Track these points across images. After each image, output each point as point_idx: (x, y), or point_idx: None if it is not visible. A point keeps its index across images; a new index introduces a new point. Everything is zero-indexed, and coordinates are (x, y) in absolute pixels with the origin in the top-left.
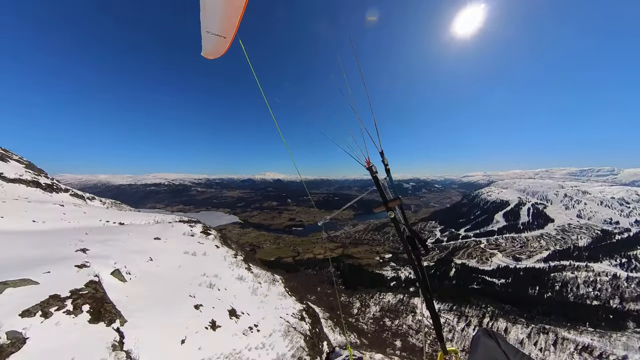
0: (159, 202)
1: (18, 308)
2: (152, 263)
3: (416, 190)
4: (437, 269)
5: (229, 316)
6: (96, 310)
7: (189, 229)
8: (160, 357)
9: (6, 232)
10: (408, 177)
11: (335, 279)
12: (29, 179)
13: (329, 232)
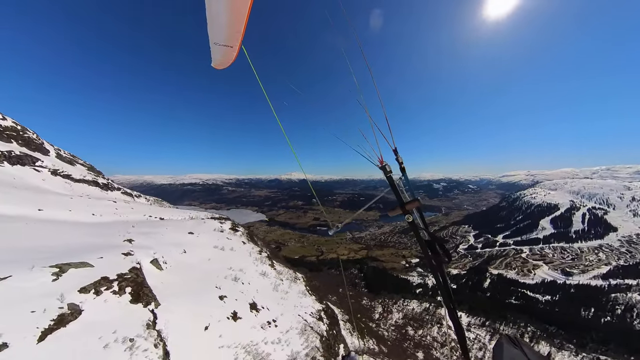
0: (194, 199)
1: (77, 285)
2: (185, 255)
3: (447, 191)
4: (470, 278)
5: (249, 309)
6: (136, 292)
7: (219, 225)
8: (185, 339)
9: (73, 222)
10: (439, 177)
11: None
12: (90, 179)
13: (353, 233)
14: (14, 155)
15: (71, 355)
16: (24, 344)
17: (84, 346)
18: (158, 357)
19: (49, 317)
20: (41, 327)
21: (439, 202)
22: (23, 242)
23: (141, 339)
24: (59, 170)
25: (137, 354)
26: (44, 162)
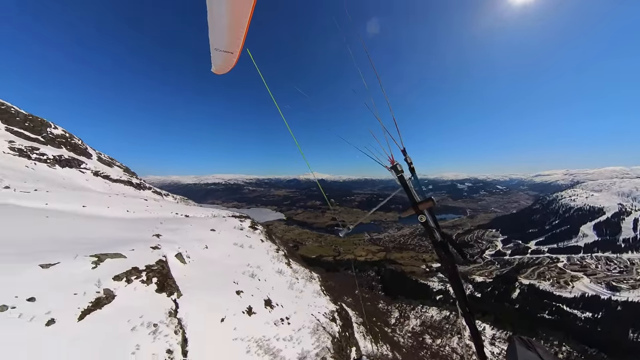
0: (217, 198)
1: (112, 273)
2: (207, 250)
3: (473, 191)
4: (496, 287)
5: (264, 305)
6: (161, 283)
7: (239, 223)
8: (202, 328)
9: (111, 218)
10: (463, 177)
11: (374, 284)
12: (126, 180)
13: (371, 234)
14: (64, 159)
15: (104, 334)
16: (67, 321)
17: (115, 327)
18: (177, 342)
19: (88, 300)
20: (81, 308)
21: (463, 204)
22: (70, 233)
23: (163, 325)
24: (100, 172)
25: (159, 338)
26: (88, 165)
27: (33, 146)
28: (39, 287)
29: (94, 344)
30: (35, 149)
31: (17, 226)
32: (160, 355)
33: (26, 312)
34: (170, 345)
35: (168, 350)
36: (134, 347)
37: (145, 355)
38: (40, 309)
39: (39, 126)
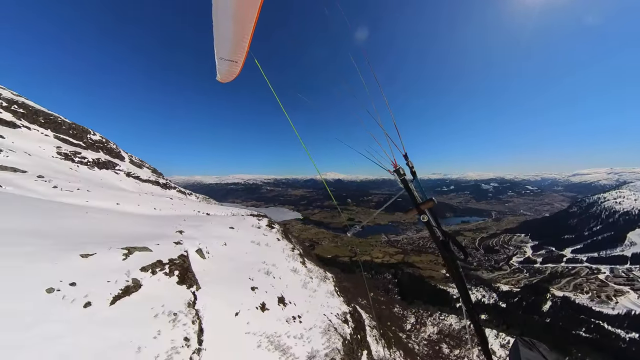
0: (237, 198)
1: (139, 265)
2: (225, 247)
3: (499, 192)
4: (524, 297)
5: (277, 302)
6: (182, 275)
7: (257, 222)
8: (217, 320)
9: (140, 215)
10: (488, 177)
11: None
12: (153, 180)
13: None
14: (101, 161)
15: (131, 318)
16: (101, 304)
17: (140, 313)
18: (194, 332)
19: (118, 287)
20: (113, 294)
21: (488, 206)
22: (105, 228)
23: (182, 314)
24: (131, 173)
25: (178, 326)
26: (121, 167)
27: (76, 151)
28: (79, 274)
29: (122, 326)
30: (78, 153)
31: (62, 220)
32: (178, 342)
33: (68, 294)
34: (187, 334)
35: (185, 338)
36: (155, 332)
37: (165, 341)
38: (80, 293)
39: (81, 133)
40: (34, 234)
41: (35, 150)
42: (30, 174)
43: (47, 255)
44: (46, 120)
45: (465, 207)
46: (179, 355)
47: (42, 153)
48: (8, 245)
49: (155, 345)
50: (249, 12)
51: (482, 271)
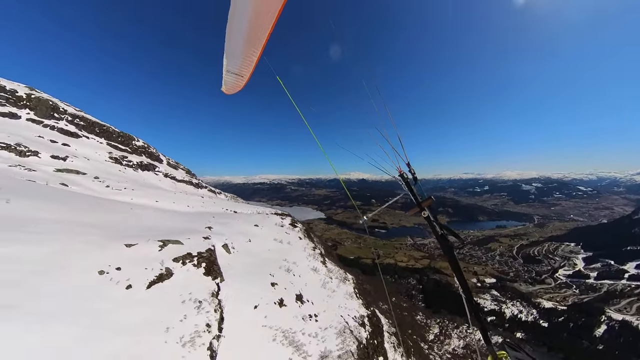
0: (262, 197)
1: (172, 256)
2: (249, 243)
3: (543, 194)
4: (571, 317)
5: (295, 299)
6: (208, 267)
7: (280, 220)
8: (237, 311)
9: (175, 211)
10: (530, 176)
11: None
12: (187, 180)
13: (414, 239)
14: (144, 164)
15: (163, 301)
16: (139, 288)
17: (170, 298)
18: (215, 319)
19: (154, 274)
20: (149, 279)
21: (529, 209)
22: (145, 222)
23: (206, 302)
24: (168, 174)
25: (201, 313)
26: (160, 168)
27: (123, 155)
28: (123, 260)
29: (155, 307)
30: (125, 157)
31: (113, 215)
32: (200, 327)
33: (115, 277)
34: (209, 320)
35: (207, 324)
36: (182, 316)
37: (190, 324)
38: (123, 276)
39: (127, 140)
40: (92, 225)
41: (93, 156)
42: (89, 176)
43: (100, 243)
44: (100, 130)
45: (501, 210)
46: (201, 339)
47: (97, 158)
48: (73, 233)
49: (181, 328)
50: (261, 33)
51: (520, 283)
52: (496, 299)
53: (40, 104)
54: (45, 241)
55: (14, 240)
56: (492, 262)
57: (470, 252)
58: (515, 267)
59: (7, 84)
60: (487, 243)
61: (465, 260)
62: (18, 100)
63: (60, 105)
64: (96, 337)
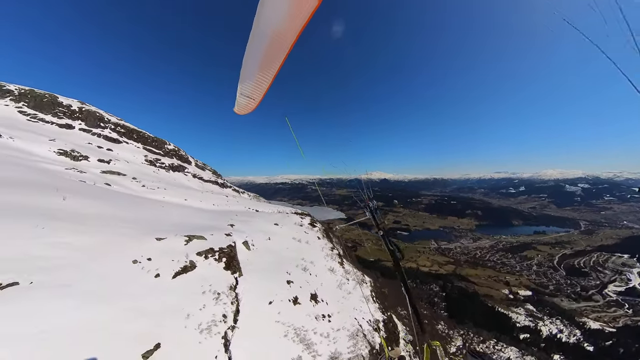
0: (284, 196)
1: (195, 250)
2: (269, 241)
3: (591, 196)
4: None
5: (309, 298)
6: (228, 262)
7: (300, 220)
8: (252, 305)
9: (201, 209)
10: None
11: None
12: (213, 180)
13: (439, 243)
14: (175, 165)
15: (185, 291)
16: (166, 277)
17: (192, 288)
18: (231, 311)
19: (179, 266)
20: (175, 270)
21: (573, 213)
22: (174, 218)
23: (224, 295)
24: (196, 174)
25: (219, 304)
26: (189, 169)
27: (157, 158)
28: (154, 252)
29: (178, 296)
30: (158, 159)
31: (146, 211)
32: (217, 317)
33: (146, 266)
34: (225, 312)
35: (223, 315)
36: (201, 305)
37: (208, 314)
38: (153, 266)
39: (160, 144)
40: (128, 220)
41: (131, 159)
42: (128, 177)
43: (135, 236)
44: (138, 136)
45: (540, 213)
46: (217, 328)
47: (135, 160)
48: (113, 227)
49: (200, 315)
50: (274, 62)
51: (561, 298)
52: (531, 315)
53: (89, 115)
54: (91, 233)
55: (69, 230)
56: (528, 272)
57: (502, 259)
58: (556, 280)
59: (64, 99)
60: (522, 250)
61: (495, 267)
62: (72, 113)
63: (105, 116)
64: (127, 317)
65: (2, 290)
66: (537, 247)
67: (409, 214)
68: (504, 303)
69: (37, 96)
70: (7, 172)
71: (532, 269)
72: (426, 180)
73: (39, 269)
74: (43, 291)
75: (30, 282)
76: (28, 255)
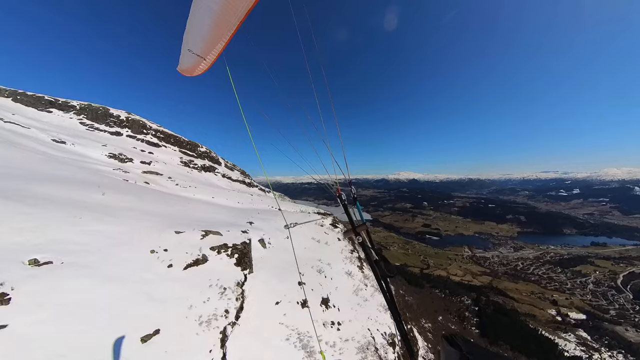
0: (309, 196)
1: (210, 245)
2: (286, 240)
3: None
4: None
5: (320, 303)
6: (240, 259)
7: (321, 220)
8: (258, 303)
9: (226, 206)
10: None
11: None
12: (241, 180)
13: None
14: (206, 166)
15: (193, 282)
16: (178, 268)
17: (200, 280)
18: (234, 307)
19: (191, 258)
20: (187, 262)
21: None
22: (196, 214)
23: (230, 290)
24: (225, 174)
25: (223, 299)
26: (218, 169)
27: (190, 159)
28: (171, 244)
29: (185, 286)
30: (192, 161)
31: (172, 207)
32: (219, 311)
33: (161, 256)
34: (228, 307)
35: (226, 310)
36: (206, 298)
37: (210, 307)
38: (167, 257)
39: (194, 147)
40: (154, 214)
41: (168, 160)
42: (164, 176)
43: (157, 228)
44: (174, 141)
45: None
46: (217, 322)
47: (171, 162)
48: (139, 219)
49: (202, 308)
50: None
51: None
52: (584, 343)
53: (134, 123)
54: (119, 223)
55: (101, 220)
56: (581, 291)
57: (549, 273)
58: (620, 304)
59: (114, 111)
60: (575, 265)
61: (540, 283)
62: (120, 122)
63: (147, 124)
64: (137, 300)
65: (39, 267)
66: (594, 261)
67: (440, 217)
68: (550, 326)
69: (93, 109)
70: (64, 172)
71: (587, 288)
72: (460, 180)
73: (70, 252)
74: (70, 270)
75: (61, 262)
76: (64, 239)
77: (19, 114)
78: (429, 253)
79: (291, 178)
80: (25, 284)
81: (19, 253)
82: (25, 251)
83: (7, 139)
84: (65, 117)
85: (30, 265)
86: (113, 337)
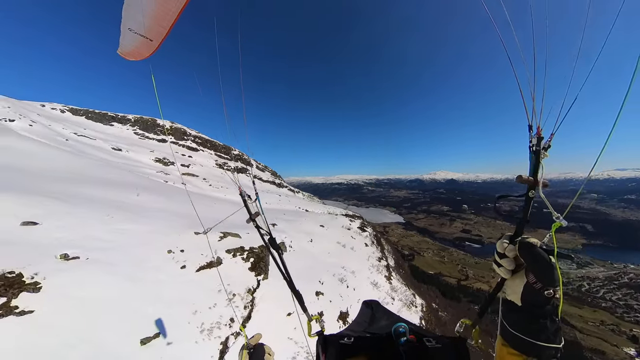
0: (339, 196)
1: (226, 247)
2: (310, 244)
3: None
4: None
5: (338, 317)
6: (255, 263)
7: (349, 222)
8: (268, 314)
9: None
10: None
11: None
12: (271, 180)
13: None
14: (238, 168)
15: (203, 285)
16: (191, 269)
17: (210, 284)
18: (241, 316)
19: (205, 260)
20: (200, 264)
21: None
22: (219, 215)
23: (239, 297)
24: (256, 175)
25: (230, 307)
26: (250, 171)
27: (225, 162)
28: (188, 245)
29: (194, 289)
30: (225, 163)
31: (198, 207)
32: (224, 320)
33: (177, 257)
34: (235, 315)
35: (231, 318)
36: (212, 304)
37: (215, 314)
38: (182, 258)
39: (228, 150)
40: (179, 214)
41: (205, 163)
42: (200, 178)
43: (179, 228)
44: (210, 145)
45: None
46: (219, 331)
47: (207, 164)
48: (165, 219)
49: (206, 314)
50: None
51: None
52: None
53: (176, 131)
54: (146, 223)
55: (129, 220)
56: None
57: (626, 299)
58: None
59: (160, 121)
60: None
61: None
62: (165, 131)
63: (187, 131)
64: (145, 297)
65: (67, 261)
66: None
67: (482, 222)
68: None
69: (144, 121)
70: (111, 175)
71: None
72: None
73: (97, 249)
74: (93, 266)
75: (87, 258)
76: (93, 237)
77: (89, 128)
78: (468, 262)
79: (321, 178)
80: (55, 276)
81: (57, 247)
82: (61, 246)
83: (78, 149)
84: (123, 128)
85: (61, 259)
86: (117, 335)
